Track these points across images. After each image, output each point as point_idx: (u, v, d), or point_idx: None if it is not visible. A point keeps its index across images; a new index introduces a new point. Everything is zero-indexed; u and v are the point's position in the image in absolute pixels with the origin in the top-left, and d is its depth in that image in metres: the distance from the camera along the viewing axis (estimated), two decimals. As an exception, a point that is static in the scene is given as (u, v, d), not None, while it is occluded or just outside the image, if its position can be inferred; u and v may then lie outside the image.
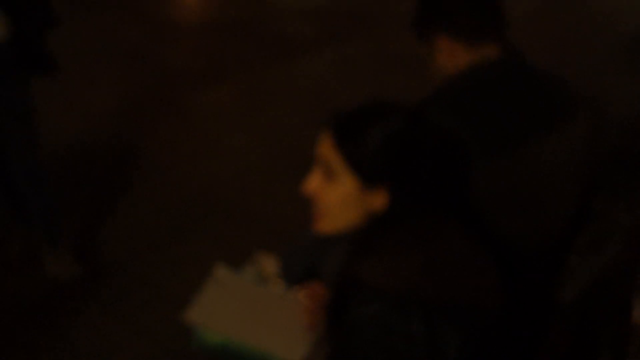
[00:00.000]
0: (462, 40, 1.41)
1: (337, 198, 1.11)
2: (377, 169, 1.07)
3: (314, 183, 1.14)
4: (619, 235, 1.57)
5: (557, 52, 5.97)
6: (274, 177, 3.41)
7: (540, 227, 1.45)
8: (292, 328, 1.30)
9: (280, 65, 5.38)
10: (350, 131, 1.09)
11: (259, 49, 5.95)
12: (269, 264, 2.35)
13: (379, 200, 1.09)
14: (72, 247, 2.64)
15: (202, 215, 3.03)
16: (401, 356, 0.98)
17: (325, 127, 1.14)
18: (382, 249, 1.06)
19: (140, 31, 6.10)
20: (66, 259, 2.56)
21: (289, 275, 1.95)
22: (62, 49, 4.38)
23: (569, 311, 1.49)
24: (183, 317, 1.27)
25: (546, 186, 1.41)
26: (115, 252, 2.74)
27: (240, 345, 1.23)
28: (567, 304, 1.51)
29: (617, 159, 1.82)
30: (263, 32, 6.55)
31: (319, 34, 6.37)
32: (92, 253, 2.73)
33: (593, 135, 1.49)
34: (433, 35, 1.45)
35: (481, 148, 1.30)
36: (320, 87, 4.84)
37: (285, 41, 6.23)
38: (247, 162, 3.61)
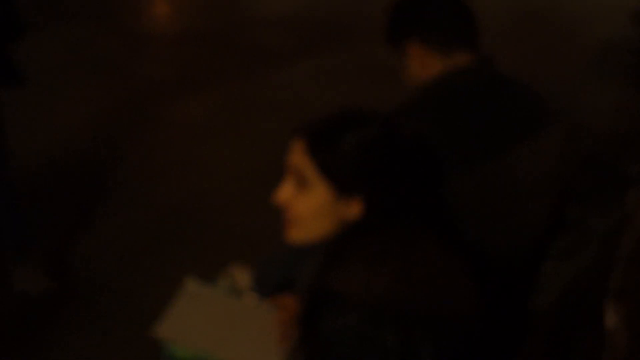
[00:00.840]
0: (435, 47, 1.42)
1: (310, 207, 1.12)
2: (352, 178, 1.08)
3: (285, 192, 1.14)
4: (593, 242, 1.58)
5: (526, 63, 6.04)
6: (251, 189, 3.39)
7: (516, 236, 1.46)
8: (265, 341, 1.29)
9: (257, 75, 5.38)
10: (323, 138, 1.09)
11: (235, 59, 5.94)
12: (243, 276, 2.34)
13: (353, 210, 1.10)
14: (43, 263, 2.60)
15: (177, 228, 3.02)
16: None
17: (297, 134, 1.14)
18: (356, 259, 1.06)
19: (114, 42, 6.06)
20: (36, 274, 2.51)
21: (263, 287, 1.93)
22: (32, 60, 4.34)
23: (544, 318, 1.49)
24: (151, 332, 1.24)
25: (521, 195, 1.42)
26: (89, 267, 2.71)
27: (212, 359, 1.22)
28: (542, 311, 1.51)
29: (590, 167, 1.83)
30: (239, 42, 6.54)
31: (296, 44, 6.39)
32: (64, 268, 2.69)
33: (567, 144, 1.51)
34: (405, 42, 1.47)
35: (455, 157, 1.31)
36: (298, 98, 4.83)
37: (261, 51, 6.23)
38: (224, 174, 3.60)
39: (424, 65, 1.44)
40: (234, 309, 1.37)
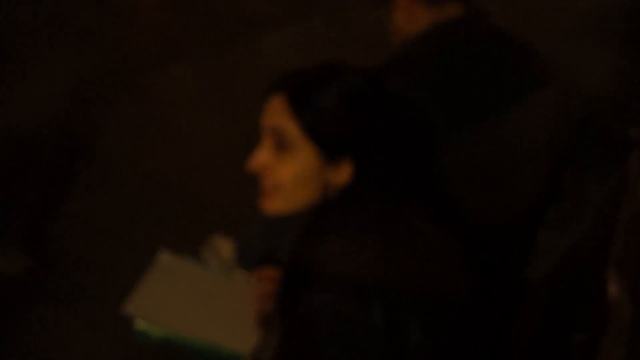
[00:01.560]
0: None
1: (292, 173, 1.01)
2: (341, 137, 0.97)
3: (262, 157, 1.04)
4: (590, 209, 1.52)
5: (519, 27, 5.97)
6: (236, 160, 3.29)
7: (509, 203, 1.39)
8: (243, 316, 1.22)
9: (240, 43, 5.26)
10: (307, 94, 0.99)
11: (220, 26, 5.81)
12: (225, 249, 2.28)
13: (341, 175, 1.00)
14: (18, 239, 2.53)
15: (159, 202, 2.94)
16: (359, 347, 0.89)
17: (275, 89, 1.03)
18: (338, 231, 0.97)
19: (94, 10, 5.90)
20: (12, 252, 2.44)
21: (245, 259, 1.88)
22: (5, 28, 4.20)
23: (541, 287, 1.45)
24: (121, 309, 1.17)
25: (514, 160, 1.35)
26: (66, 243, 2.63)
27: (185, 338, 1.14)
28: (538, 281, 1.47)
29: (586, 132, 1.77)
30: (223, 8, 6.39)
31: (280, 10, 6.25)
32: (41, 245, 2.61)
33: (564, 106, 1.43)
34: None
35: (444, 118, 1.22)
36: (285, 65, 4.68)
37: (245, 18, 6.09)
38: (207, 145, 3.51)
39: (411, 17, 1.33)
40: (210, 284, 1.30)
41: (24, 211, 2.82)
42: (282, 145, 1.01)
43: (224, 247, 2.33)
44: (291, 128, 0.99)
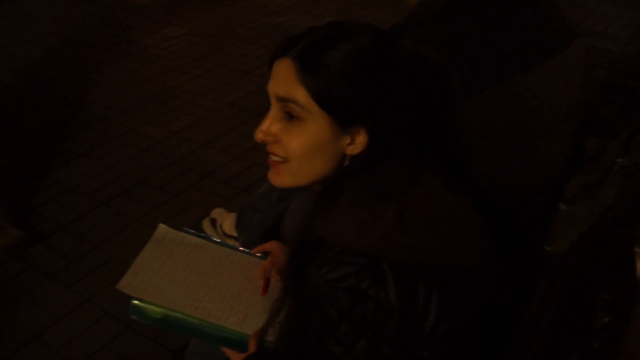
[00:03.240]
0: None
1: (303, 145, 0.96)
2: (356, 105, 0.93)
3: (271, 128, 0.99)
4: (617, 179, 1.48)
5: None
6: (234, 124, 3.28)
7: (532, 169, 1.35)
8: (247, 294, 1.19)
9: (238, 0, 5.18)
10: (317, 59, 0.94)
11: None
12: (227, 222, 2.26)
13: (356, 145, 0.96)
14: (8, 211, 2.49)
15: (154, 170, 2.90)
16: (373, 325, 0.86)
17: (281, 55, 0.99)
18: (349, 202, 0.93)
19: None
20: (1, 224, 2.41)
21: (247, 233, 1.85)
22: None
23: (561, 264, 1.41)
24: (117, 287, 1.14)
25: (539, 123, 1.30)
26: (57, 214, 2.60)
27: (184, 318, 1.12)
28: (558, 256, 1.44)
29: (611, 96, 1.72)
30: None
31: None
32: (30, 216, 2.58)
33: (586, 67, 1.38)
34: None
35: (465, 77, 1.18)
36: (285, 23, 4.67)
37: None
38: (204, 108, 3.48)
39: None
40: (211, 259, 1.27)
41: (12, 178, 2.80)
42: (291, 115, 0.96)
43: (226, 221, 2.31)
44: (301, 96, 0.94)
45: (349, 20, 0.98)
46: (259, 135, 1.00)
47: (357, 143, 0.96)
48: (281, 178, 1.03)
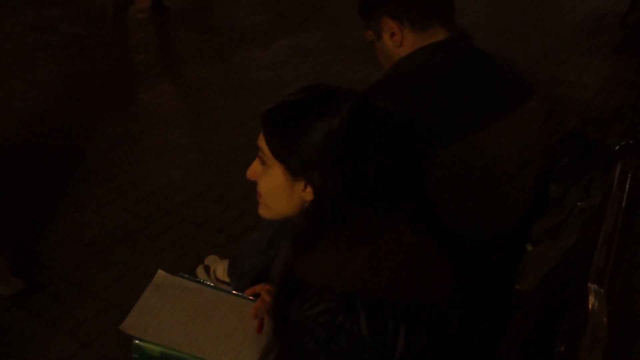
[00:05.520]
0: (408, 24, 1.41)
1: (269, 186, 1.17)
2: (302, 162, 1.09)
3: (253, 170, 1.20)
4: (578, 221, 1.59)
5: (514, 34, 6.09)
6: (226, 175, 3.38)
7: (497, 215, 1.46)
8: (240, 333, 1.28)
9: (231, 56, 5.35)
10: (277, 122, 1.13)
11: (210, 40, 5.90)
12: (220, 269, 2.34)
13: (307, 192, 1.12)
14: (9, 260, 2.56)
15: (148, 219, 2.98)
16: (348, 355, 0.97)
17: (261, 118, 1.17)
18: (325, 246, 1.06)
19: (81, 24, 5.98)
20: (5, 274, 2.47)
21: (238, 277, 1.94)
22: None
23: (531, 299, 1.50)
24: (120, 328, 1.24)
25: (500, 173, 1.42)
26: (56, 263, 2.66)
27: (181, 355, 1.21)
28: (529, 293, 1.53)
29: (572, 143, 1.84)
30: (213, 22, 6.49)
31: (272, 24, 6.34)
32: (31, 265, 2.65)
33: (545, 120, 1.51)
34: (379, 19, 1.45)
35: (432, 135, 1.30)
36: (274, 79, 4.82)
37: (236, 31, 6.18)
38: (197, 160, 3.58)
39: (398, 41, 1.43)
40: (207, 302, 1.36)
41: (11, 229, 2.86)
42: (263, 162, 1.16)
43: (219, 267, 2.39)
44: (266, 150, 1.14)
45: (317, 88, 1.13)
46: (248, 174, 1.21)
47: (308, 191, 1.11)
48: (261, 211, 1.23)
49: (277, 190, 1.15)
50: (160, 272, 1.42)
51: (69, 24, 5.97)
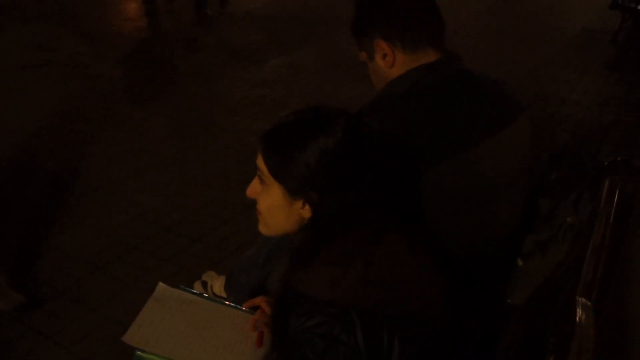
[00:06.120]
0: (399, 45, 1.46)
1: (268, 205, 1.21)
2: (300, 181, 1.13)
3: (252, 189, 1.24)
4: (568, 236, 1.63)
5: (506, 51, 6.18)
6: (222, 192, 3.42)
7: (488, 230, 1.50)
8: (239, 345, 1.32)
9: (226, 74, 5.40)
10: (275, 143, 1.17)
11: (204, 58, 5.96)
12: (217, 284, 2.37)
13: (305, 209, 1.16)
14: (9, 276, 2.58)
15: (145, 235, 3.01)
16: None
17: (259, 138, 1.20)
18: (321, 261, 1.10)
19: (78, 44, 6.04)
20: (3, 288, 2.49)
21: (236, 292, 1.97)
22: None
23: (522, 313, 1.53)
24: (122, 339, 1.27)
25: (491, 189, 1.46)
26: (55, 279, 2.69)
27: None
28: (520, 306, 1.56)
29: (562, 160, 1.89)
30: (207, 40, 6.56)
31: (265, 41, 6.42)
32: (30, 281, 2.67)
33: (533, 138, 1.56)
34: (370, 40, 1.49)
35: (424, 153, 1.34)
36: (268, 96, 4.88)
37: (231, 49, 6.25)
38: (193, 177, 3.61)
39: (389, 62, 1.47)
40: (206, 314, 1.40)
41: (10, 244, 2.88)
42: (263, 182, 1.20)
43: (216, 283, 2.42)
44: (264, 170, 1.18)
45: (312, 110, 1.17)
46: (248, 193, 1.25)
47: (306, 209, 1.15)
48: (260, 228, 1.27)
49: (276, 209, 1.19)
50: (160, 284, 1.45)
51: (69, 42, 6.03)
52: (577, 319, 1.12)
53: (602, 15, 7.12)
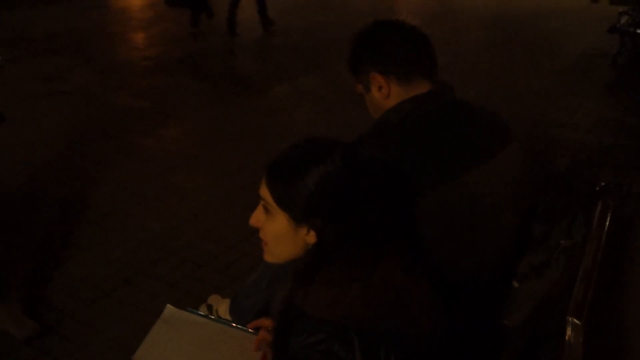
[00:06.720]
0: (394, 78, 1.53)
1: (273, 232, 1.26)
2: (304, 209, 1.19)
3: (256, 217, 1.29)
4: (561, 259, 1.67)
5: (507, 77, 6.25)
6: (227, 218, 3.48)
7: (482, 253, 1.55)
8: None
9: (230, 102, 5.49)
10: (279, 174, 1.22)
11: (210, 86, 6.07)
12: (222, 308, 2.41)
13: (310, 235, 1.21)
14: (21, 303, 2.64)
15: (153, 260, 3.07)
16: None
17: (264, 168, 1.26)
18: (321, 282, 1.16)
19: (88, 73, 6.16)
20: (17, 316, 2.54)
21: (240, 315, 2.01)
22: (7, 92, 4.28)
23: (518, 334, 1.57)
24: (132, 359, 1.32)
25: (485, 213, 1.51)
26: (65, 303, 2.74)
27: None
28: (516, 327, 1.60)
29: (556, 184, 1.94)
30: (212, 69, 6.68)
31: (269, 69, 6.53)
32: (41, 306, 2.72)
33: (525, 164, 1.61)
34: (368, 74, 1.57)
35: (419, 179, 1.40)
36: (272, 124, 4.96)
37: (235, 78, 6.36)
38: (199, 203, 3.68)
39: (385, 93, 1.55)
40: (213, 335, 1.45)
41: (21, 271, 2.93)
42: (267, 210, 1.25)
43: (221, 306, 2.46)
44: (269, 199, 1.23)
45: (317, 141, 1.24)
46: (251, 222, 1.29)
47: (311, 235, 1.21)
48: (266, 256, 1.32)
49: (282, 236, 1.24)
50: (169, 306, 1.51)
51: (78, 73, 6.15)
52: (567, 338, 1.16)
53: (601, 39, 7.20)
